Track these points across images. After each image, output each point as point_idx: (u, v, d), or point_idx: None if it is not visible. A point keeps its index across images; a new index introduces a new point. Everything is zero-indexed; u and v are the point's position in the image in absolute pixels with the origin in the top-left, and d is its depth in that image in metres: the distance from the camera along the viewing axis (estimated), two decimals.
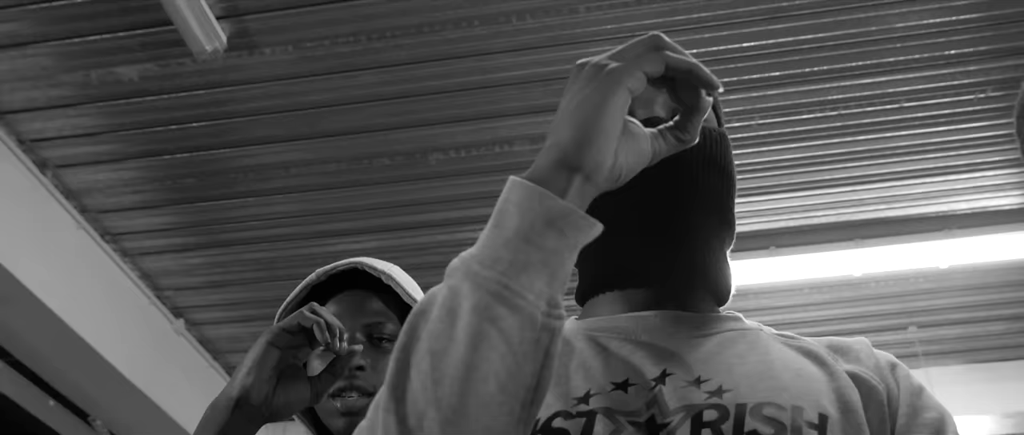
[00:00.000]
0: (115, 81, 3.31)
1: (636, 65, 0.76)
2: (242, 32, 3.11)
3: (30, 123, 3.51)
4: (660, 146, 0.81)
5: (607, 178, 0.75)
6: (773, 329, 1.01)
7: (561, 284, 0.73)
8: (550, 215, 0.71)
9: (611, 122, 0.74)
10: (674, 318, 0.96)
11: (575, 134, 0.74)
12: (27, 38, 3.16)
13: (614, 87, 0.74)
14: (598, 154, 0.73)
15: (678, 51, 0.78)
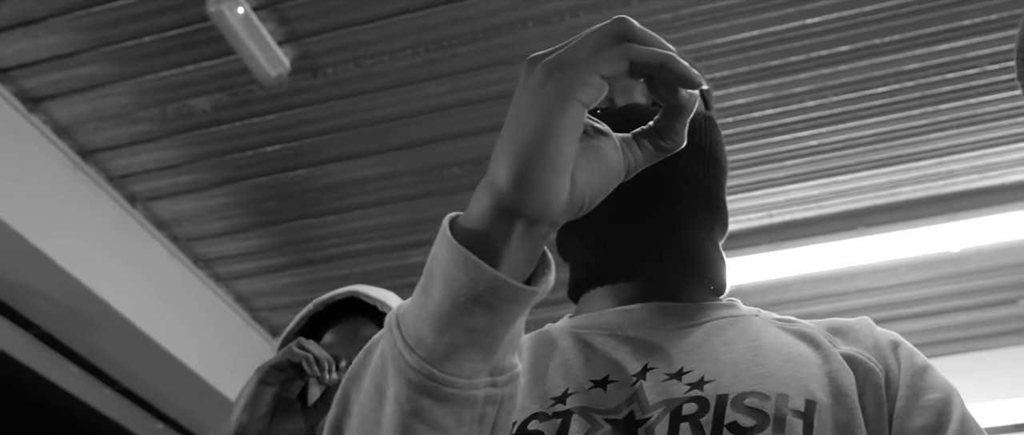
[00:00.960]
0: (189, 113, 3.43)
1: (591, 66, 0.61)
2: (304, 55, 3.17)
3: (116, 160, 3.65)
4: (634, 157, 0.68)
5: (564, 212, 0.62)
6: (773, 314, 0.97)
7: (506, 348, 0.65)
8: (476, 289, 0.60)
9: (557, 151, 0.60)
10: (661, 310, 0.93)
11: (512, 171, 0.60)
12: (105, 79, 3.30)
13: (561, 102, 0.60)
14: (542, 194, 0.60)
15: (648, 40, 0.63)
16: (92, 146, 3.59)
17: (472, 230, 0.62)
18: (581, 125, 0.62)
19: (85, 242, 3.63)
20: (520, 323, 0.66)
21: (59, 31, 3.11)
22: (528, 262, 0.64)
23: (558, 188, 0.61)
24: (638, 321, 0.93)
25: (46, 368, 4.11)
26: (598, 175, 0.65)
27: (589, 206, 0.65)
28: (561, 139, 0.60)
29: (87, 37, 3.13)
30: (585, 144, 0.64)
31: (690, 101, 0.67)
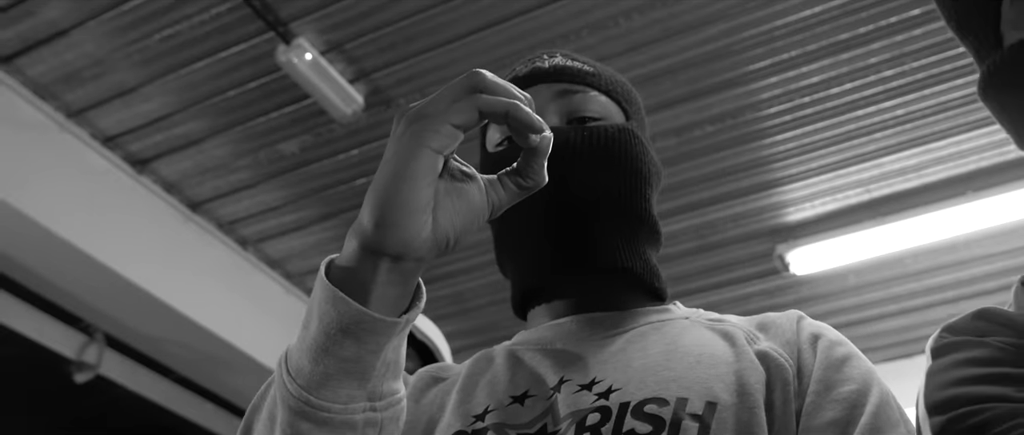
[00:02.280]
0: (280, 157, 3.61)
1: (444, 117, 0.68)
2: (375, 90, 3.30)
3: (223, 208, 3.89)
4: (498, 196, 0.74)
5: (428, 249, 0.69)
6: (708, 315, 0.98)
7: (379, 376, 0.72)
8: (343, 322, 0.68)
9: (412, 194, 0.67)
10: (589, 321, 0.96)
11: (373, 214, 0.67)
12: (200, 135, 3.52)
13: (416, 150, 0.67)
14: (402, 233, 0.67)
15: (497, 91, 0.70)
16: (199, 198, 3.83)
17: (344, 268, 0.69)
18: (435, 170, 0.68)
19: (204, 288, 3.87)
20: (392, 351, 0.72)
21: (152, 97, 3.35)
22: (401, 296, 0.71)
23: (417, 227, 0.67)
24: (566, 334, 0.96)
25: (187, 410, 4.40)
26: (461, 214, 0.71)
27: (455, 242, 0.72)
28: (416, 183, 0.67)
29: (177, 99, 3.35)
30: (449, 186, 0.71)
31: (542, 143, 0.73)
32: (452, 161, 0.73)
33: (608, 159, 0.97)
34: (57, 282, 3.62)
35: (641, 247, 0.98)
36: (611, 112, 1.02)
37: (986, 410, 0.57)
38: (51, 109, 3.38)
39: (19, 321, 3.90)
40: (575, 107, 1.00)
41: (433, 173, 0.68)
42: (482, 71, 0.71)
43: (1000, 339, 0.62)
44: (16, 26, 3.10)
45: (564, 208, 0.95)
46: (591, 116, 0.99)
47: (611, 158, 0.97)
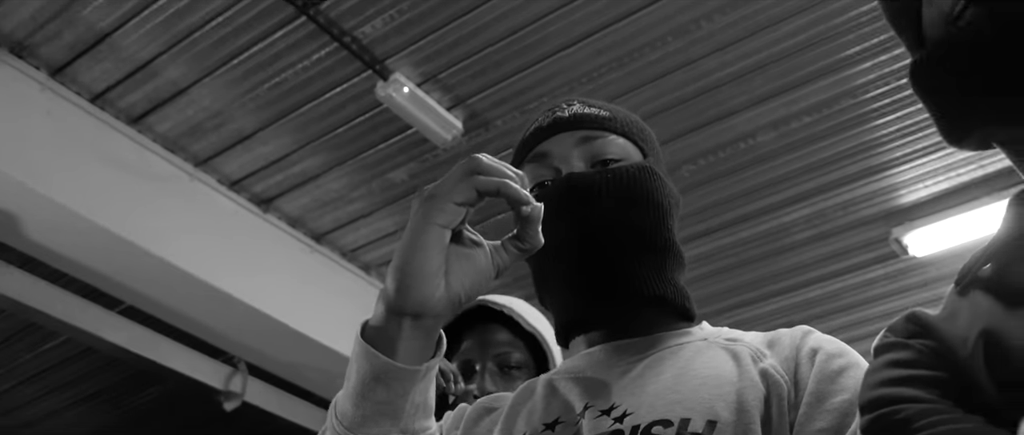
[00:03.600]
0: (392, 185, 3.80)
1: (447, 197, 0.80)
2: (471, 114, 3.44)
3: (345, 237, 4.11)
4: (502, 259, 0.86)
5: (443, 308, 0.81)
6: (728, 333, 1.04)
7: (410, 416, 0.85)
8: (376, 372, 0.82)
9: (425, 262, 0.79)
10: (616, 349, 1.04)
11: (394, 281, 0.80)
12: (316, 172, 3.74)
13: (425, 226, 0.80)
14: (418, 296, 0.80)
15: (492, 171, 0.82)
16: (322, 229, 4.07)
17: (375, 328, 0.84)
18: (443, 242, 0.81)
19: (334, 313, 4.09)
20: (419, 394, 0.85)
21: (269, 141, 3.59)
22: (424, 347, 0.85)
23: (430, 290, 0.80)
24: (597, 362, 1.05)
25: None
26: (470, 276, 0.84)
27: (467, 300, 0.85)
28: (427, 254, 0.80)
29: (291, 140, 3.58)
30: (459, 252, 0.84)
31: (533, 213, 0.85)
32: (464, 231, 0.85)
33: (631, 197, 1.04)
34: (201, 320, 3.91)
35: (669, 274, 1.05)
36: (629, 152, 1.09)
37: (901, 410, 0.63)
38: (180, 160, 3.67)
39: (171, 358, 4.23)
40: (597, 151, 1.07)
41: (441, 244, 0.81)
42: (479, 156, 0.83)
43: (921, 342, 0.67)
44: (142, 88, 3.39)
45: (594, 246, 1.03)
46: (612, 158, 1.07)
47: (634, 196, 1.04)
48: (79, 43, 3.21)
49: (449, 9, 3.05)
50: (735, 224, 3.89)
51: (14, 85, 3.21)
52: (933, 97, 0.68)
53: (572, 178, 1.05)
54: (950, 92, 0.66)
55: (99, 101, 3.43)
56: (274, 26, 3.12)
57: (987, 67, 0.63)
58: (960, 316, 0.66)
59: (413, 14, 3.06)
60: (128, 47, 3.22)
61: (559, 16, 3.06)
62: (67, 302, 3.95)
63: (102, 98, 3.42)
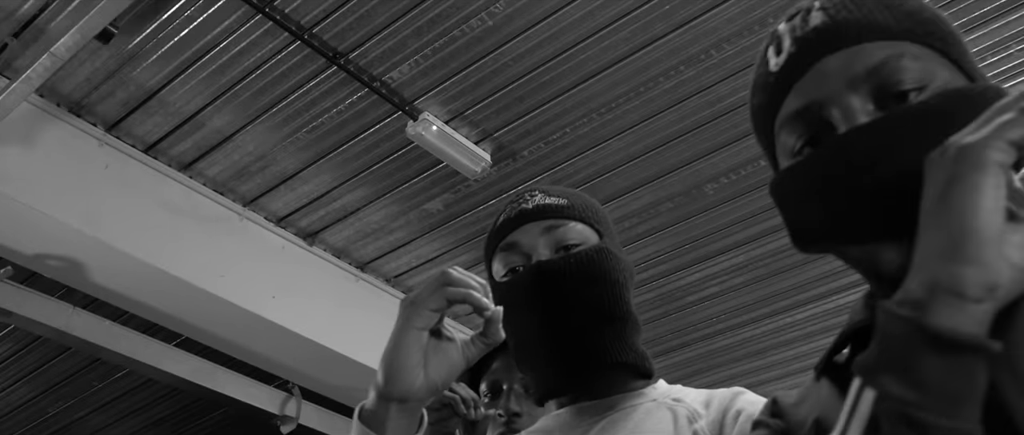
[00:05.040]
0: (429, 215, 3.99)
1: (423, 306, 0.99)
2: (499, 147, 3.61)
3: (387, 265, 4.31)
4: (471, 351, 1.04)
5: (424, 394, 1.00)
6: (676, 394, 1.20)
7: None
8: None
9: (407, 358, 0.98)
10: (579, 411, 1.21)
11: (383, 374, 1.00)
12: (357, 205, 3.95)
13: (406, 328, 0.99)
14: (402, 385, 0.98)
15: (461, 283, 0.99)
16: (365, 259, 4.27)
17: (369, 410, 1.02)
18: (421, 341, 1.00)
19: (380, 337, 4.24)
20: None
21: (310, 179, 3.81)
22: (409, 425, 1.04)
23: (411, 380, 0.99)
24: (563, 423, 1.21)
25: None
26: (444, 367, 1.02)
27: (443, 386, 1.03)
28: (408, 351, 0.99)
29: (331, 177, 3.79)
30: (436, 346, 1.03)
31: (494, 316, 1.03)
32: (441, 329, 1.04)
33: (591, 277, 1.20)
34: (256, 349, 4.14)
35: (628, 340, 1.21)
36: (587, 236, 1.25)
37: None
38: (230, 201, 3.90)
39: (228, 386, 4.48)
40: (559, 238, 1.23)
41: (420, 343, 0.99)
42: (450, 270, 1.01)
43: (776, 421, 0.82)
44: (191, 137, 3.62)
45: (562, 323, 1.19)
46: (573, 243, 1.23)
47: (593, 276, 1.20)
48: (131, 100, 3.46)
49: (470, 52, 3.23)
50: (765, 235, 4.00)
51: (74, 142, 3.47)
52: (781, 210, 0.83)
53: (540, 266, 1.21)
54: (789, 211, 0.81)
55: (152, 151, 3.68)
56: (308, 76, 3.33)
57: (813, 200, 0.77)
58: (807, 401, 0.80)
59: (436, 59, 3.25)
60: (175, 102, 3.46)
61: (575, 53, 3.22)
62: (130, 339, 4.22)
63: (155, 148, 3.67)
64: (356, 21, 3.14)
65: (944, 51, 0.80)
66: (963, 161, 0.62)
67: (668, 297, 4.40)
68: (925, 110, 0.73)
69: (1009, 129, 0.62)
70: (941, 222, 0.62)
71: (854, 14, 0.80)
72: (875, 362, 0.62)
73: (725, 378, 4.76)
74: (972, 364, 0.59)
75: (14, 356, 4.87)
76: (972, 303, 0.60)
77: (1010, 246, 0.61)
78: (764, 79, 0.85)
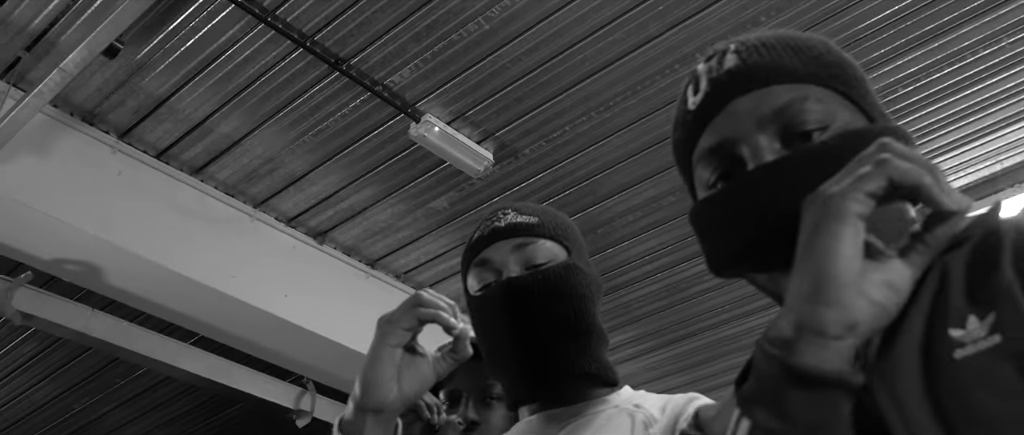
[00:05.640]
0: (435, 213, 4.07)
1: (397, 325, 1.10)
2: (501, 145, 3.69)
3: (397, 261, 4.40)
4: (442, 366, 1.15)
5: (397, 405, 1.11)
6: (637, 400, 1.27)
7: None
8: None
9: (382, 373, 1.09)
10: (547, 418, 1.29)
11: (359, 387, 1.10)
12: (364, 205, 4.04)
13: (381, 346, 1.10)
14: (377, 397, 1.09)
15: (430, 305, 1.10)
16: (375, 256, 4.37)
17: (347, 421, 1.13)
18: (394, 358, 1.11)
19: None
20: None
21: (317, 181, 3.90)
22: (385, 433, 1.13)
23: (385, 393, 1.10)
24: (533, 429, 1.29)
25: None
26: (416, 381, 1.13)
27: (415, 398, 1.14)
28: (383, 366, 1.10)
29: (338, 178, 3.88)
30: (409, 360, 1.13)
31: (462, 334, 1.14)
32: (415, 347, 1.14)
33: (558, 294, 1.27)
34: (270, 346, 4.25)
35: (593, 352, 1.28)
36: (556, 253, 1.31)
37: None
38: (240, 203, 4.00)
39: (245, 383, 4.60)
40: (529, 256, 1.30)
41: (393, 359, 1.10)
42: (422, 293, 1.12)
43: (698, 433, 0.89)
44: (201, 142, 3.72)
45: (530, 337, 1.26)
46: (541, 262, 1.30)
47: (560, 292, 1.27)
48: (141, 108, 3.56)
49: (469, 55, 3.30)
50: None
51: (87, 150, 3.58)
52: (698, 238, 0.89)
53: (510, 282, 1.28)
54: (705, 239, 0.88)
55: (164, 157, 3.78)
56: (311, 82, 3.41)
57: (725, 230, 0.84)
58: (724, 414, 0.88)
59: (436, 62, 3.32)
60: (184, 109, 3.55)
61: (571, 53, 3.28)
62: (147, 339, 4.33)
63: (166, 154, 3.77)
64: (356, 28, 3.21)
65: (846, 93, 0.87)
66: (825, 211, 0.69)
67: (672, 289, 4.47)
68: (824, 151, 0.80)
69: (866, 182, 0.69)
70: (806, 267, 0.69)
71: (764, 58, 0.87)
72: (751, 394, 0.69)
73: (732, 366, 4.82)
74: (834, 396, 0.66)
75: (39, 355, 5.01)
76: (833, 340, 0.67)
77: (870, 284, 0.69)
78: (683, 116, 0.92)
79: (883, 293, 0.69)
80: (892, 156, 0.69)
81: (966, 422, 0.69)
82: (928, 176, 0.69)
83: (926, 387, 0.72)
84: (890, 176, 0.68)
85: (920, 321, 0.75)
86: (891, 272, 0.70)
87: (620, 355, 5.15)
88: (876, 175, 0.69)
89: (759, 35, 0.91)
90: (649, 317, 4.72)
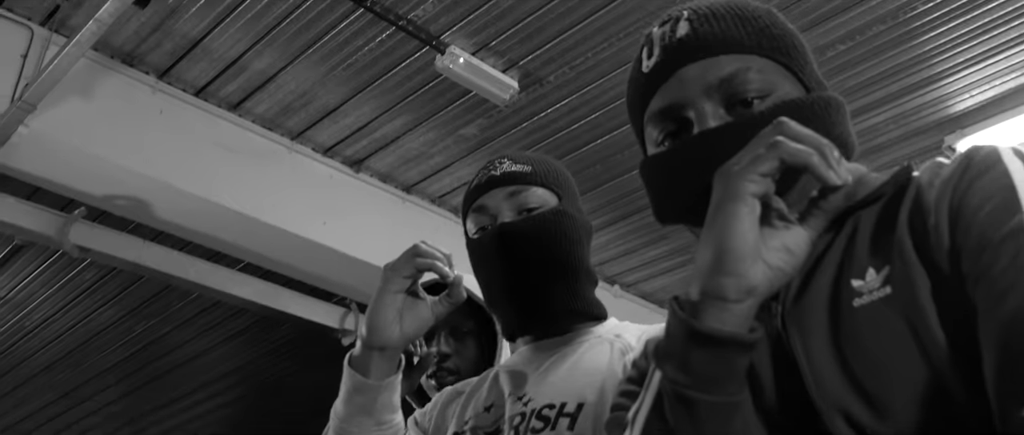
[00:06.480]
0: (466, 139, 4.19)
1: (398, 273, 1.26)
2: (526, 74, 3.76)
3: (431, 186, 4.54)
4: (440, 309, 1.29)
5: (400, 343, 1.25)
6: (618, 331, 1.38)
7: (379, 412, 1.27)
8: (356, 386, 1.27)
9: (386, 315, 1.24)
10: (537, 348, 1.42)
11: (366, 327, 1.25)
12: (397, 134, 4.16)
13: (384, 291, 1.25)
14: (381, 337, 1.24)
15: (427, 255, 1.25)
16: (410, 182, 4.51)
17: (356, 357, 1.28)
18: (396, 302, 1.26)
19: None
20: (385, 398, 1.28)
21: (350, 112, 4.02)
22: (389, 369, 1.29)
23: (389, 332, 1.25)
24: (523, 358, 1.42)
25: None
26: (417, 322, 1.28)
27: (416, 337, 1.29)
28: (387, 309, 1.26)
29: (370, 109, 4.00)
30: (410, 304, 1.28)
31: (456, 281, 1.30)
32: (418, 291, 1.29)
33: (548, 236, 1.38)
34: (313, 271, 4.44)
35: (580, 290, 1.40)
36: (547, 200, 1.42)
37: (615, 413, 0.98)
38: (278, 136, 4.15)
39: (291, 305, 4.82)
40: (521, 202, 1.41)
41: (395, 303, 1.26)
42: (420, 244, 1.26)
43: (645, 364, 1.00)
44: (237, 79, 3.85)
45: (521, 277, 1.38)
46: (533, 207, 1.41)
47: (550, 235, 1.39)
48: (177, 50, 3.69)
49: None
50: None
51: (129, 92, 3.73)
52: (646, 188, 0.98)
53: (503, 227, 1.40)
54: (652, 191, 0.97)
55: (202, 94, 3.92)
56: (338, 18, 3.51)
57: (669, 186, 0.93)
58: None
59: None
60: (218, 48, 3.67)
61: None
62: (198, 266, 4.55)
63: (204, 91, 3.91)
64: None
65: (787, 64, 0.95)
66: (725, 191, 0.79)
67: None
68: (761, 119, 0.87)
69: (760, 164, 0.78)
70: (709, 241, 0.79)
71: (714, 29, 0.95)
72: (662, 351, 0.80)
73: None
74: (730, 353, 0.77)
75: (98, 283, 5.29)
76: (734, 304, 0.77)
77: (769, 250, 0.79)
78: (636, 78, 1.00)
79: (781, 257, 0.79)
80: (783, 139, 0.78)
81: (857, 361, 0.80)
82: (815, 156, 0.77)
83: (830, 330, 0.83)
84: (781, 157, 0.78)
85: (831, 271, 0.87)
86: (789, 237, 0.80)
87: (652, 270, 5.29)
88: (769, 157, 0.78)
89: (710, 3, 0.98)
90: (675, 233, 4.82)
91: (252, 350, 6.03)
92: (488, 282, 1.42)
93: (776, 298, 0.88)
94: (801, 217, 0.82)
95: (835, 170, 0.78)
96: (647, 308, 5.58)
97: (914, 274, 0.79)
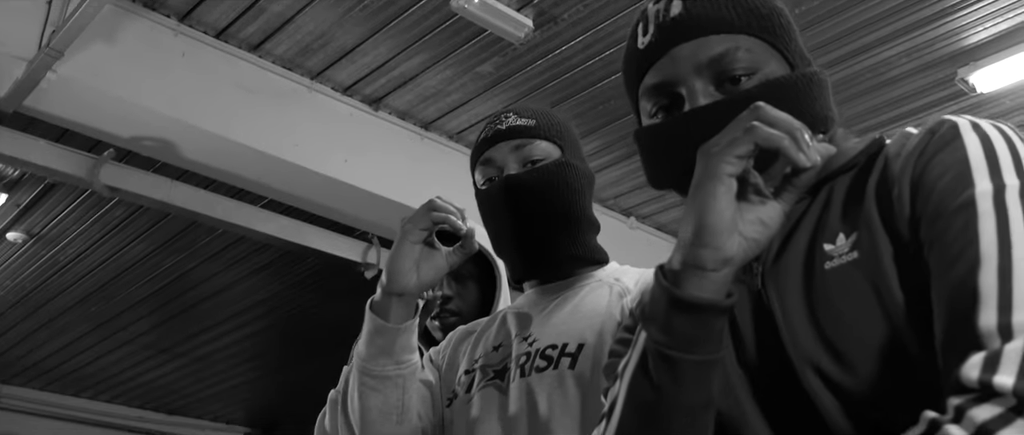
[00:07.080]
0: (482, 76, 4.25)
1: (415, 225, 1.36)
2: (540, 12, 3.81)
3: (449, 123, 4.62)
4: (454, 258, 1.40)
5: (416, 290, 1.37)
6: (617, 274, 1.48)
7: (398, 353, 1.38)
8: (376, 329, 1.37)
9: (403, 263, 1.35)
10: (542, 291, 1.52)
11: (386, 275, 1.37)
12: (414, 72, 4.24)
13: (403, 241, 1.36)
14: (400, 283, 1.35)
15: (442, 209, 1.34)
16: (428, 119, 4.59)
17: (377, 302, 1.39)
18: (414, 252, 1.36)
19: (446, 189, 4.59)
20: (404, 340, 1.39)
21: (368, 52, 4.08)
22: (407, 313, 1.40)
23: (407, 280, 1.37)
24: (529, 301, 1.53)
25: None
26: (432, 271, 1.39)
27: (428, 285, 1.39)
28: (404, 259, 1.37)
29: (387, 49, 4.07)
30: (427, 254, 1.38)
31: (468, 233, 1.38)
32: (433, 241, 1.39)
33: (551, 186, 1.48)
34: (335, 206, 4.56)
35: (582, 237, 1.50)
36: (550, 152, 1.51)
37: (611, 359, 1.07)
38: (298, 76, 4.22)
39: (314, 240, 4.96)
40: (526, 155, 1.50)
41: (413, 253, 1.37)
42: (435, 199, 1.35)
43: (638, 309, 1.09)
44: (255, 21, 3.92)
45: (526, 225, 1.48)
46: (537, 159, 1.50)
47: (554, 185, 1.48)
48: None
49: None
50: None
51: (152, 35, 3.81)
52: (640, 155, 1.06)
53: (508, 179, 1.49)
54: (645, 159, 1.04)
55: (223, 36, 4.00)
56: None
57: (662, 156, 1.01)
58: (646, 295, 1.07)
59: None
60: None
61: None
62: (223, 204, 4.69)
63: (225, 33, 3.99)
64: None
65: (773, 43, 1.02)
66: (705, 170, 0.87)
67: None
68: (747, 97, 0.95)
69: (736, 147, 0.86)
70: (689, 216, 0.87)
71: (705, 9, 1.01)
72: (647, 314, 0.90)
73: None
74: (708, 317, 0.86)
75: (128, 220, 5.43)
76: (711, 273, 0.85)
77: (745, 223, 0.87)
78: (631, 54, 1.07)
79: (756, 229, 0.87)
80: (758, 124, 0.86)
81: (827, 320, 0.90)
82: (786, 140, 0.85)
83: (804, 290, 0.93)
84: (755, 141, 0.86)
85: (806, 235, 0.96)
86: (764, 211, 0.88)
87: (666, 202, 5.37)
88: (745, 140, 0.85)
89: None
90: None
91: (277, 283, 6.20)
92: (496, 231, 1.52)
93: (758, 259, 0.96)
94: (776, 192, 0.90)
95: (805, 153, 0.85)
96: (662, 238, 5.68)
97: (878, 240, 0.88)
